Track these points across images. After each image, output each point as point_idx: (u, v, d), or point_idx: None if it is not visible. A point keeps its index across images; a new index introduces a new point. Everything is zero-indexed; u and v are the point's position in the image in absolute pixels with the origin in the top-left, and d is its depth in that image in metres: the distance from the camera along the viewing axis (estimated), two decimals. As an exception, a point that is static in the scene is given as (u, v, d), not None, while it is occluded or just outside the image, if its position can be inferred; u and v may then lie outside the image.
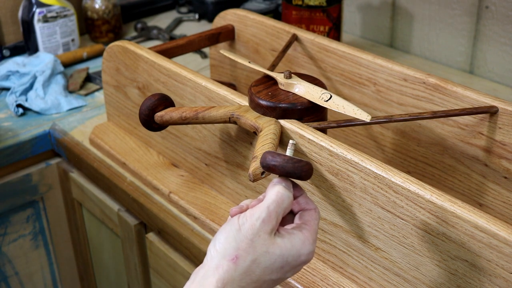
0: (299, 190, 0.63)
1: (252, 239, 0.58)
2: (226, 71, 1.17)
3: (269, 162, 0.60)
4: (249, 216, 0.58)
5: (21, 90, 1.25)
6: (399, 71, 0.90)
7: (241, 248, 0.57)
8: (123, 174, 1.04)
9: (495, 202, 0.86)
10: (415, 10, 1.37)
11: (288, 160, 0.60)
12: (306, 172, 0.60)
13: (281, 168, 0.60)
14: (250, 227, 0.58)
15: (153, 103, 0.86)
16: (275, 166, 0.60)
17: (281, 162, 0.60)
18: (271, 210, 0.59)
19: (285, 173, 0.60)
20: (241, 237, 0.58)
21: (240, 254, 0.57)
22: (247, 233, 0.58)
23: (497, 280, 0.61)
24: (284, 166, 0.59)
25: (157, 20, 1.68)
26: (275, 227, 0.59)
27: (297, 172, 0.59)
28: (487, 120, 0.83)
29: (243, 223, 0.58)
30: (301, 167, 0.59)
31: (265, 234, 0.58)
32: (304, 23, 1.26)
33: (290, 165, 0.59)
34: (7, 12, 1.43)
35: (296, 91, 0.81)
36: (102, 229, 1.18)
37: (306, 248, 0.60)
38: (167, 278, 1.02)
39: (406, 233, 0.68)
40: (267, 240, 0.58)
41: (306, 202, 0.63)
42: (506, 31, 1.23)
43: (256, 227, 0.58)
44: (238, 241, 0.58)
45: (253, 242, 0.58)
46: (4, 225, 1.21)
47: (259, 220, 0.58)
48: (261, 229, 0.58)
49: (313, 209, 0.63)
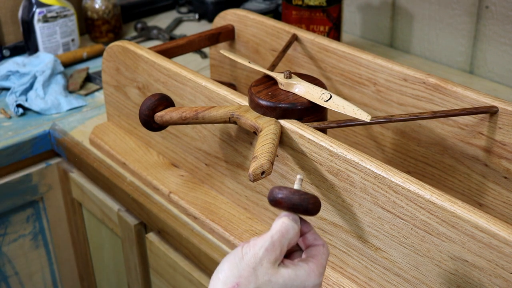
0: (308, 226, 0.62)
1: (255, 268, 0.57)
2: (226, 71, 1.17)
3: (276, 195, 0.59)
4: (252, 245, 0.58)
5: (21, 90, 1.25)
6: (399, 71, 0.90)
7: (243, 276, 0.56)
8: (123, 174, 1.04)
9: (495, 202, 0.86)
10: (415, 10, 1.37)
11: (295, 192, 0.59)
12: (313, 205, 0.59)
13: (287, 200, 0.59)
14: (253, 256, 0.57)
15: (153, 103, 0.86)
16: (282, 198, 0.59)
17: (287, 194, 0.59)
18: (274, 239, 0.58)
19: (292, 205, 0.59)
20: (244, 265, 0.57)
21: (242, 282, 0.56)
22: (249, 262, 0.57)
23: (497, 280, 0.61)
24: (291, 198, 0.59)
25: (157, 20, 1.68)
26: (279, 257, 0.58)
27: (304, 204, 0.59)
28: (487, 120, 0.83)
29: (246, 252, 0.57)
30: (308, 199, 0.59)
31: (268, 263, 0.57)
32: (304, 23, 1.26)
33: (297, 197, 0.59)
34: (7, 12, 1.43)
35: (296, 91, 0.81)
36: (102, 229, 1.18)
37: (311, 280, 0.58)
38: (167, 278, 1.02)
39: (406, 233, 0.68)
40: (270, 269, 0.57)
41: (315, 238, 0.62)
42: (506, 31, 1.23)
43: (259, 256, 0.57)
44: (240, 269, 0.57)
45: (256, 271, 0.57)
46: (4, 225, 1.21)
47: (262, 249, 0.57)
48: (264, 258, 0.57)
49: (321, 244, 0.61)
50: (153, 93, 0.89)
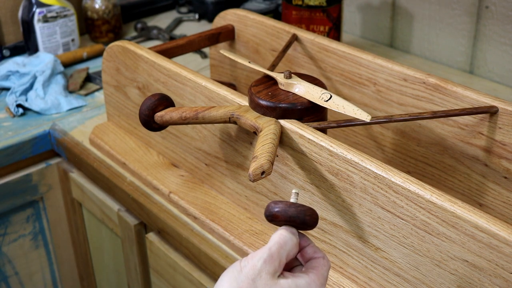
0: (306, 240, 0.62)
1: (254, 279, 0.57)
2: (226, 71, 1.17)
3: (272, 210, 0.59)
4: (251, 258, 0.58)
5: (21, 90, 1.25)
6: (399, 71, 0.90)
7: None
8: (123, 174, 1.04)
9: (495, 202, 0.86)
10: (415, 10, 1.37)
11: (291, 205, 0.59)
12: (310, 217, 0.59)
13: (284, 213, 0.59)
14: (252, 268, 0.57)
15: (153, 103, 0.86)
16: (278, 212, 0.59)
17: (284, 207, 0.59)
18: (273, 251, 0.58)
19: (289, 218, 0.59)
20: (242, 277, 0.57)
21: None
22: (248, 274, 0.57)
23: (497, 280, 0.61)
24: (287, 210, 0.59)
25: (157, 20, 1.68)
26: (278, 269, 0.58)
27: (301, 216, 0.59)
28: (487, 120, 0.83)
29: (245, 265, 0.57)
30: (305, 211, 0.59)
31: (267, 275, 0.57)
32: (304, 23, 1.26)
33: (293, 209, 0.59)
34: (7, 12, 1.43)
35: (296, 91, 0.81)
36: (102, 229, 1.18)
37: None
38: (167, 278, 1.02)
39: (406, 233, 0.68)
40: (269, 280, 0.57)
41: (314, 251, 0.62)
42: (506, 31, 1.23)
43: (257, 268, 0.57)
44: (239, 282, 0.57)
45: (255, 282, 0.57)
46: (4, 225, 1.21)
47: (260, 261, 0.57)
48: (262, 269, 0.57)
49: (321, 257, 0.61)
50: (153, 93, 0.89)
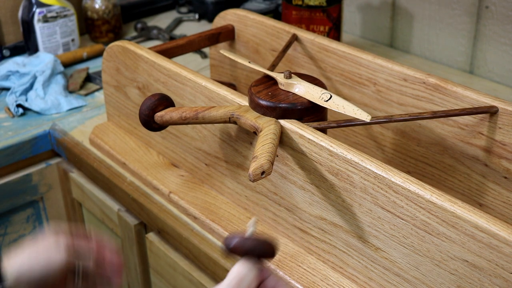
0: (266, 271, 0.62)
1: None
2: (226, 71, 1.17)
3: (229, 244, 0.60)
4: None
5: (21, 90, 1.25)
6: (399, 71, 0.90)
7: None
8: (123, 174, 1.04)
9: (495, 202, 0.86)
10: (415, 10, 1.37)
11: (247, 239, 0.60)
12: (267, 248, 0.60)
13: (240, 247, 0.59)
14: None
15: (153, 103, 0.86)
16: (234, 246, 0.59)
17: (240, 241, 0.59)
18: (231, 286, 0.58)
19: (246, 252, 0.60)
20: None
21: None
22: None
23: (497, 280, 0.61)
24: (243, 244, 0.59)
25: (157, 20, 1.68)
26: None
27: (257, 249, 0.59)
28: (487, 120, 0.83)
29: None
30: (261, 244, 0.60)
31: None
32: (304, 23, 1.26)
33: (249, 242, 0.59)
34: (7, 12, 1.43)
35: (296, 91, 0.81)
36: (102, 229, 1.18)
37: None
38: (167, 278, 1.02)
39: (406, 233, 0.68)
40: None
41: (276, 281, 0.62)
42: (506, 31, 1.23)
43: None
44: None
45: None
46: (4, 225, 1.21)
47: None
48: None
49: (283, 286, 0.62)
50: (153, 93, 0.89)
